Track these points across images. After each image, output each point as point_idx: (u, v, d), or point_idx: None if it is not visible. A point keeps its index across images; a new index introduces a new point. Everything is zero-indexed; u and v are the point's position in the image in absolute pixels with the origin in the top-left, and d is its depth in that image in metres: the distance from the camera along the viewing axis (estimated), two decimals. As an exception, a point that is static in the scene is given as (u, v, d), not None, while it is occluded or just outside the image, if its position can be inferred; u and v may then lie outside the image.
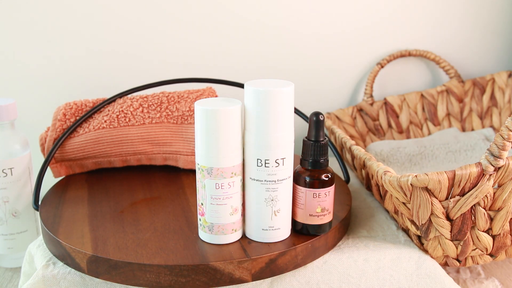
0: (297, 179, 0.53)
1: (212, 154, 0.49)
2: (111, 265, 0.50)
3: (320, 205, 0.53)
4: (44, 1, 0.79)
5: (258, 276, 0.50)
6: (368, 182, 0.64)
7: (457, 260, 0.57)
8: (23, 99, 0.82)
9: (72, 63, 0.83)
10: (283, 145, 0.50)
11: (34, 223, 0.68)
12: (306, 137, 0.53)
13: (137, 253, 0.50)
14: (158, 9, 0.82)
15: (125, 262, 0.49)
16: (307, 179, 0.52)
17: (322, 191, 0.52)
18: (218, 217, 0.51)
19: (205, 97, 0.71)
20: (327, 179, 0.52)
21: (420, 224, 0.54)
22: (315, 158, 0.52)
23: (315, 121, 0.51)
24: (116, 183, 0.68)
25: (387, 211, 0.64)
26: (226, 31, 0.85)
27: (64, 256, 0.53)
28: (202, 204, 0.51)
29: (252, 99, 0.49)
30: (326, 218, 0.53)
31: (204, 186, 0.51)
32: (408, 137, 0.90)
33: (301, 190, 0.53)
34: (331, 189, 0.53)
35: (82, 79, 0.84)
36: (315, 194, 0.52)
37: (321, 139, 0.52)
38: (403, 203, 0.55)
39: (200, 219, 0.52)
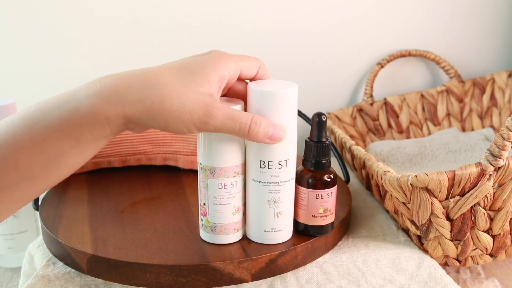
0: (300, 180, 0.53)
1: (215, 153, 0.49)
2: (111, 265, 0.49)
3: (323, 206, 0.52)
4: (44, 1, 0.79)
5: (258, 276, 0.50)
6: (368, 182, 0.64)
7: (457, 260, 0.57)
8: (23, 99, 0.82)
9: (72, 63, 0.83)
10: (287, 146, 0.49)
11: (34, 223, 0.68)
12: (308, 138, 0.53)
13: (137, 253, 0.50)
14: (158, 9, 0.82)
15: (125, 262, 0.49)
16: (310, 180, 0.52)
17: (324, 192, 0.52)
18: (220, 217, 0.51)
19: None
20: (329, 180, 0.52)
21: (420, 224, 0.54)
22: (317, 159, 0.52)
23: (318, 122, 0.51)
24: (116, 183, 0.67)
25: (387, 211, 0.64)
26: (226, 32, 0.85)
27: (64, 256, 0.53)
28: (204, 204, 0.51)
29: (255, 100, 0.48)
30: (329, 219, 0.53)
31: (206, 186, 0.50)
32: (408, 137, 0.90)
33: (304, 191, 0.52)
34: (333, 190, 0.53)
35: (82, 79, 0.84)
36: (317, 195, 0.52)
37: (324, 139, 0.52)
38: (403, 203, 0.55)
39: (202, 219, 0.52)
